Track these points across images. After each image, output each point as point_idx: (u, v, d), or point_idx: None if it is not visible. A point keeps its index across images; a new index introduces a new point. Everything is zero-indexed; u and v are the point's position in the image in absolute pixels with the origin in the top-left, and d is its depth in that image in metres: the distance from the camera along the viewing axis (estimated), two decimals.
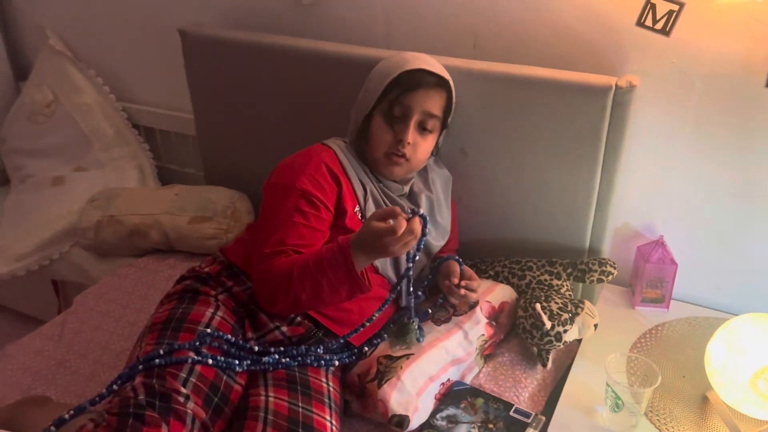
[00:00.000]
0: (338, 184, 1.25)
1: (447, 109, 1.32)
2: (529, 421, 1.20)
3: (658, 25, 1.25)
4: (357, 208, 1.28)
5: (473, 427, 1.18)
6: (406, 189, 1.37)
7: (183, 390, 1.02)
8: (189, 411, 1.01)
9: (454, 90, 1.33)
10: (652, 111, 1.38)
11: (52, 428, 0.99)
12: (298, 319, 1.21)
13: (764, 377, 1.09)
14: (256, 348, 1.17)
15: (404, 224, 1.00)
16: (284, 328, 1.21)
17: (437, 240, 1.41)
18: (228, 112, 1.78)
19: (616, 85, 1.28)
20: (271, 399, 1.07)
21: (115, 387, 1.05)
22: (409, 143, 1.25)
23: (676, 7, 1.22)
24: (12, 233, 1.98)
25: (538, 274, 1.44)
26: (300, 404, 1.08)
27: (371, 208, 1.29)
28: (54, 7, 2.17)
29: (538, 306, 1.31)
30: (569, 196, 1.43)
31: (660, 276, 1.47)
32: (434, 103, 1.27)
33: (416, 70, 1.26)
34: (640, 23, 1.27)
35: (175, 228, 1.70)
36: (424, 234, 1.06)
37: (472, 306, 1.33)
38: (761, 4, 1.19)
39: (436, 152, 1.40)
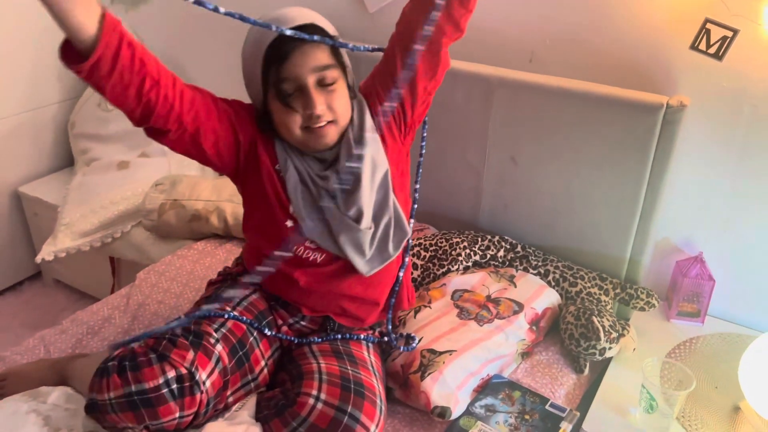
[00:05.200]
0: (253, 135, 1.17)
1: (335, 50, 1.13)
2: (564, 415, 1.26)
3: (712, 50, 1.32)
4: (277, 166, 1.18)
5: (510, 417, 1.25)
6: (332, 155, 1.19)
7: (215, 334, 1.14)
8: (216, 351, 1.12)
9: (328, 25, 1.15)
10: (700, 131, 1.44)
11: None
12: (308, 317, 1.28)
13: None
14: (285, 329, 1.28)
15: None
16: (304, 322, 1.29)
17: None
18: None
19: (668, 104, 1.35)
20: (322, 365, 1.17)
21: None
22: (320, 112, 1.10)
23: (730, 33, 1.29)
24: (78, 211, 2.10)
25: (588, 286, 1.50)
26: (349, 368, 1.17)
27: (293, 176, 1.17)
28: None
29: (596, 320, 1.36)
30: (614, 207, 1.49)
31: (697, 291, 1.52)
32: (321, 54, 1.09)
33: (277, 39, 1.07)
34: (694, 47, 1.33)
35: (235, 215, 1.81)
36: None
37: None
38: None
39: (354, 95, 1.20)
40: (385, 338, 1.33)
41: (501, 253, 1.60)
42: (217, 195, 1.87)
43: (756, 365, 1.21)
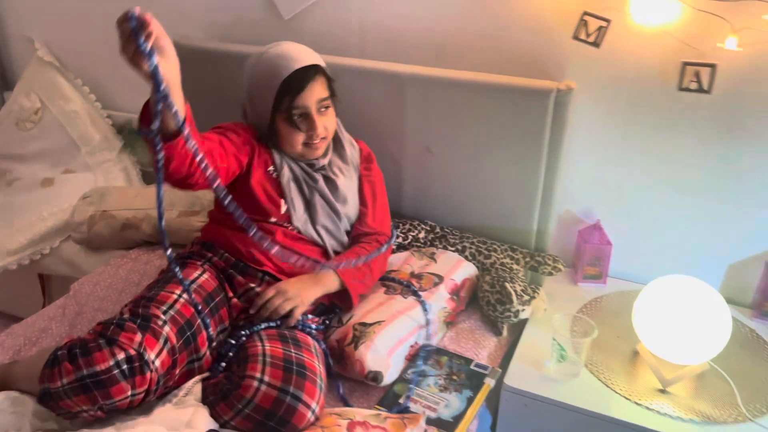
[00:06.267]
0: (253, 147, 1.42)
1: (330, 83, 1.45)
2: (487, 372, 1.39)
3: (590, 38, 1.49)
4: (270, 168, 1.44)
5: (440, 379, 1.37)
6: (324, 161, 1.49)
7: (162, 317, 1.22)
8: (164, 332, 1.20)
9: (323, 64, 1.44)
10: (588, 112, 1.62)
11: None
12: (267, 278, 1.42)
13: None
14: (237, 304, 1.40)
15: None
16: (258, 289, 1.40)
17: (346, 211, 1.53)
18: (208, 118, 1.94)
19: (557, 89, 1.51)
20: (267, 347, 1.24)
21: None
22: (321, 133, 1.41)
23: (604, 24, 1.46)
24: (3, 231, 2.08)
25: (501, 257, 1.65)
26: (293, 350, 1.25)
27: (287, 174, 1.44)
28: (41, 20, 2.31)
29: (508, 286, 1.51)
30: (519, 186, 1.65)
31: (598, 256, 1.70)
32: (322, 89, 1.41)
33: (295, 73, 1.36)
34: (576, 37, 1.50)
35: (165, 221, 1.84)
36: (138, 42, 0.95)
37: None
38: (680, 22, 1.44)
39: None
40: (327, 322, 1.45)
41: (422, 234, 1.73)
42: (147, 203, 1.91)
43: (644, 311, 1.38)
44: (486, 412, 1.45)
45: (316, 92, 1.39)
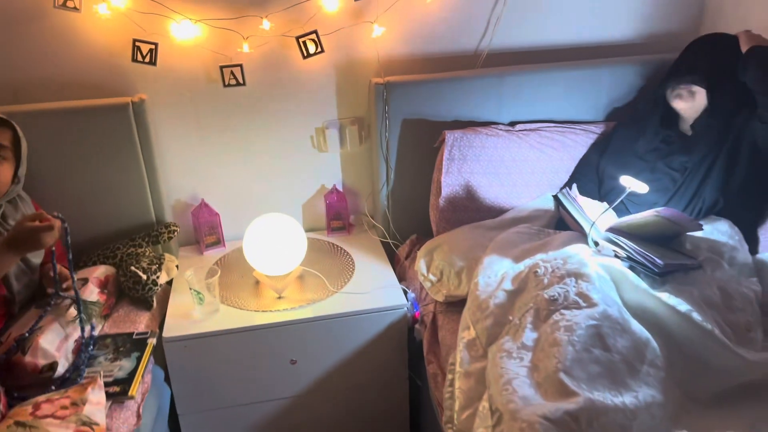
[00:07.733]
0: None
1: (17, 141, 1.62)
2: (147, 336, 1.69)
3: (147, 59, 1.88)
4: None
5: (108, 354, 1.62)
6: None
7: None
8: None
9: (17, 126, 1.63)
10: (168, 116, 2.01)
11: None
12: None
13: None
14: None
15: (58, 223, 1.42)
16: None
17: (35, 257, 1.72)
18: None
19: (132, 102, 1.87)
20: None
21: None
22: None
23: (153, 46, 1.86)
24: None
25: (125, 251, 1.93)
26: None
27: None
28: None
29: (132, 268, 1.81)
30: (129, 190, 1.95)
31: (211, 226, 2.13)
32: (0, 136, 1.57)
33: None
34: (135, 60, 1.87)
35: None
36: (67, 232, 1.49)
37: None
38: (207, 37, 1.92)
39: (18, 181, 1.66)
40: None
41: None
42: None
43: (249, 246, 1.86)
44: (157, 368, 1.76)
45: None
